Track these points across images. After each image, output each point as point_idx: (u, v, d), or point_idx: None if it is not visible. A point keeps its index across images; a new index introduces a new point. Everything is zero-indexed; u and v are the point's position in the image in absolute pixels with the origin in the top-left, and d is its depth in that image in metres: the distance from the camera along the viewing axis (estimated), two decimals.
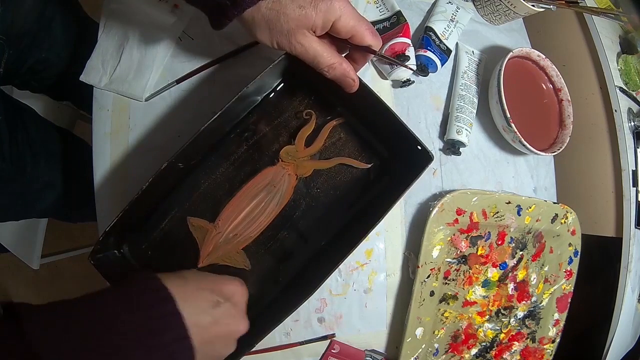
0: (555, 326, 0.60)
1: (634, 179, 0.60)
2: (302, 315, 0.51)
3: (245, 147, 0.48)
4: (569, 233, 0.59)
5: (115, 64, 0.52)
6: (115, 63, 0.52)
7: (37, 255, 0.93)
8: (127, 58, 0.52)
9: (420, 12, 0.61)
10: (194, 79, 0.53)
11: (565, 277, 0.60)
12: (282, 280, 0.47)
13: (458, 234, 0.53)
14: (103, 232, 0.40)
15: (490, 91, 0.57)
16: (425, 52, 0.55)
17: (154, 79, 0.52)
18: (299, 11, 0.35)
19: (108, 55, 0.52)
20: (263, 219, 0.46)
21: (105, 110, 0.52)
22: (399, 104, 0.57)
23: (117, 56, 0.52)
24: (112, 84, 0.51)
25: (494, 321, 0.57)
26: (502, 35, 0.65)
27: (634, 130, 0.62)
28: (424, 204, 0.55)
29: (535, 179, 0.63)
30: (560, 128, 0.60)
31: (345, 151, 0.49)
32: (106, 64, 0.52)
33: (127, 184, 0.50)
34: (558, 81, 0.60)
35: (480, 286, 0.56)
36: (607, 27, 0.66)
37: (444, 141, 0.58)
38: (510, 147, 0.60)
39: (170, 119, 0.52)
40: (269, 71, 0.41)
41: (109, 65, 0.52)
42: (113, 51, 0.52)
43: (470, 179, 0.58)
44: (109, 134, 0.51)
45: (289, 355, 0.51)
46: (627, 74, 0.64)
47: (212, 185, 0.47)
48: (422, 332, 0.52)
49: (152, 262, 0.46)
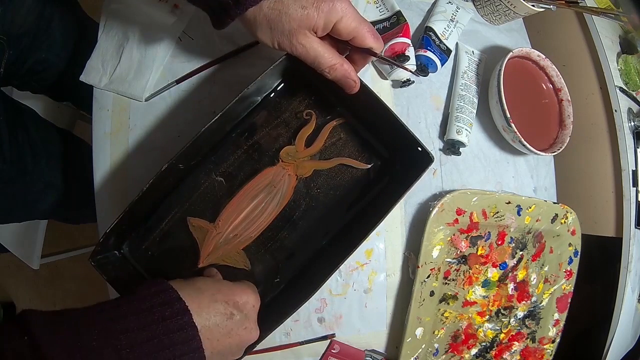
0: (555, 326, 0.60)
1: (634, 179, 0.60)
2: (302, 315, 0.51)
3: (246, 147, 0.48)
4: (569, 233, 0.59)
5: (115, 64, 0.52)
6: (115, 63, 0.52)
7: (37, 255, 0.93)
8: (127, 58, 0.52)
9: (420, 12, 0.61)
10: (194, 79, 0.53)
11: (565, 277, 0.60)
12: (282, 281, 0.47)
13: (458, 234, 0.53)
14: (103, 233, 0.40)
15: (490, 91, 0.57)
16: (425, 52, 0.55)
17: (154, 79, 0.52)
18: (301, 11, 0.35)
19: (108, 55, 0.52)
20: (263, 220, 0.46)
21: (105, 110, 0.52)
22: (399, 104, 0.57)
23: (117, 56, 0.52)
24: (112, 84, 0.51)
25: (494, 321, 0.57)
26: (502, 35, 0.65)
27: (634, 130, 0.62)
28: (424, 204, 0.55)
29: (535, 179, 0.63)
30: (560, 128, 0.60)
31: (346, 151, 0.49)
32: (106, 64, 0.52)
33: (127, 184, 0.50)
34: (558, 81, 0.60)
35: (480, 286, 0.56)
36: (607, 27, 0.66)
37: (444, 141, 0.58)
38: (510, 147, 0.60)
39: (170, 119, 0.52)
40: (269, 72, 0.41)
41: (109, 65, 0.52)
42: (113, 51, 0.52)
43: (470, 179, 0.58)
44: (109, 134, 0.51)
45: (289, 355, 0.51)
46: (627, 74, 0.64)
47: (212, 186, 0.47)
48: (422, 332, 0.52)
49: (153, 263, 0.46)
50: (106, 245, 0.42)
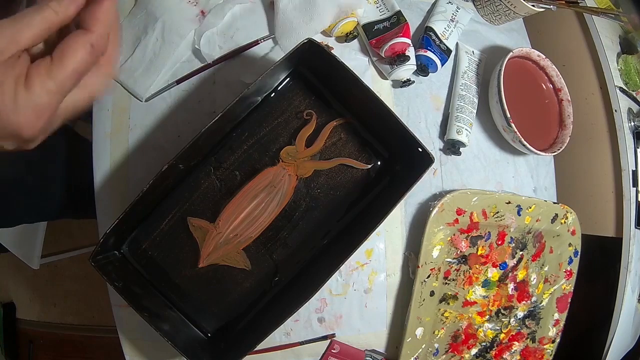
0: (555, 326, 0.60)
1: (634, 179, 0.60)
2: (302, 315, 0.51)
3: (246, 147, 0.48)
4: (569, 233, 0.59)
5: (128, 56, 0.51)
6: (128, 55, 0.51)
7: (37, 255, 0.93)
8: (141, 53, 0.51)
9: (420, 12, 0.61)
10: (194, 79, 0.53)
11: (565, 277, 0.60)
12: (283, 281, 0.48)
13: (458, 234, 0.53)
14: (104, 234, 0.40)
15: (490, 91, 0.57)
16: (425, 52, 0.55)
17: (160, 82, 0.52)
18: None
19: (123, 45, 0.51)
20: (263, 220, 0.46)
21: (105, 110, 0.52)
22: (399, 104, 0.57)
23: (132, 48, 0.51)
24: (121, 76, 0.51)
25: (494, 321, 0.57)
26: (502, 35, 0.65)
27: (634, 130, 0.62)
28: (424, 204, 0.55)
29: (535, 179, 0.63)
30: (560, 128, 0.60)
31: (346, 152, 0.49)
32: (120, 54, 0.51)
33: (127, 184, 0.50)
34: (558, 81, 0.60)
35: (480, 286, 0.56)
36: (607, 27, 0.66)
37: (444, 141, 0.58)
38: (510, 147, 0.60)
39: (170, 119, 0.52)
40: (269, 72, 0.41)
41: (121, 55, 0.51)
42: (129, 42, 0.51)
43: (470, 179, 0.58)
44: (109, 134, 0.51)
45: (289, 355, 0.51)
46: (627, 74, 0.64)
47: (212, 186, 0.47)
48: (422, 332, 0.52)
49: (153, 263, 0.46)
50: (106, 246, 0.42)
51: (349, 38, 0.55)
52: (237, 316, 0.47)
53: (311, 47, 0.41)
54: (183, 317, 0.46)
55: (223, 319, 0.47)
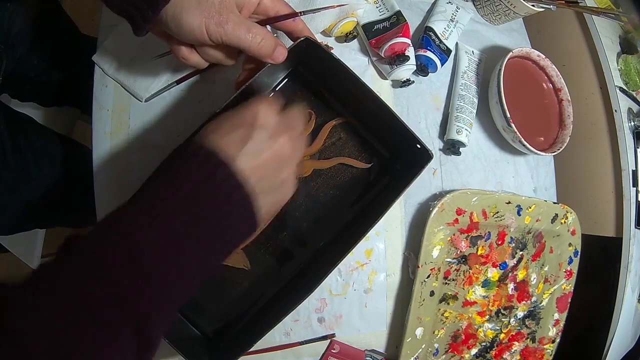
0: (555, 326, 0.60)
1: (634, 179, 0.60)
2: (302, 315, 0.51)
3: None
4: (569, 233, 0.59)
5: (131, 56, 0.51)
6: (132, 55, 0.51)
7: (37, 255, 0.94)
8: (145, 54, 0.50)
9: (420, 12, 0.61)
10: (194, 79, 0.53)
11: (565, 277, 0.60)
12: (282, 280, 0.47)
13: (458, 234, 0.53)
14: None
15: (490, 91, 0.57)
16: (425, 52, 0.55)
17: (160, 83, 0.51)
18: None
19: (128, 43, 0.50)
20: None
21: (105, 110, 0.52)
22: (398, 104, 0.57)
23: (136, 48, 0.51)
24: (120, 75, 0.51)
25: (494, 321, 0.57)
26: (502, 35, 0.65)
27: (634, 130, 0.62)
28: (424, 204, 0.55)
29: (535, 179, 0.63)
30: (560, 128, 0.60)
31: (345, 151, 0.49)
32: (122, 52, 0.51)
33: (127, 184, 0.50)
34: (558, 81, 0.60)
35: (480, 286, 0.56)
36: (607, 27, 0.66)
37: (444, 141, 0.58)
38: (510, 147, 0.60)
39: (170, 119, 0.52)
40: (267, 70, 0.41)
41: (124, 54, 0.51)
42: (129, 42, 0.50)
43: (470, 179, 0.58)
44: (109, 134, 0.51)
45: (289, 355, 0.51)
46: (627, 74, 0.64)
47: None
48: (422, 332, 0.52)
49: None
50: None
51: (348, 38, 0.55)
52: (237, 316, 0.47)
53: (308, 46, 0.41)
54: (182, 317, 0.46)
55: (222, 318, 0.47)
